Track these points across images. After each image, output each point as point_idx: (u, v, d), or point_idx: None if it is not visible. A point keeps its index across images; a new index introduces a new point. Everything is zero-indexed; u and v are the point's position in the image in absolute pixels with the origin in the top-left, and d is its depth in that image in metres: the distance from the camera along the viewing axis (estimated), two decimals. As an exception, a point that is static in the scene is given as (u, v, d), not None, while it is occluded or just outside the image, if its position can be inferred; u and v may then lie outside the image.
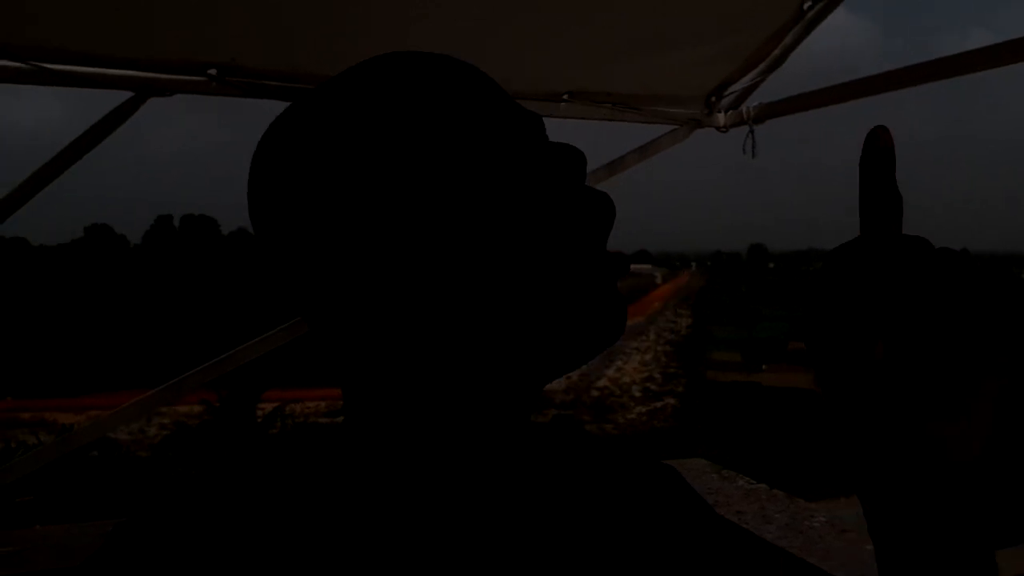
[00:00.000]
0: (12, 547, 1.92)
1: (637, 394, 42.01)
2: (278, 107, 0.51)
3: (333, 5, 1.55)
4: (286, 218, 0.47)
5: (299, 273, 0.47)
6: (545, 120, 0.53)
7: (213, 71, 1.72)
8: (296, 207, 0.47)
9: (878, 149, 0.45)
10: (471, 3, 1.58)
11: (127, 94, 1.70)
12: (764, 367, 48.81)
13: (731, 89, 2.07)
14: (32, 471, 2.12)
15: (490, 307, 0.45)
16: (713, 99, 2.10)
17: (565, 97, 1.99)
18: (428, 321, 0.46)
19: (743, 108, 2.09)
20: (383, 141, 0.46)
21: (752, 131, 2.08)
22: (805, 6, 1.80)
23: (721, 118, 2.12)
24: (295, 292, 0.49)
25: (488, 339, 0.46)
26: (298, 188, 0.47)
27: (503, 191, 0.46)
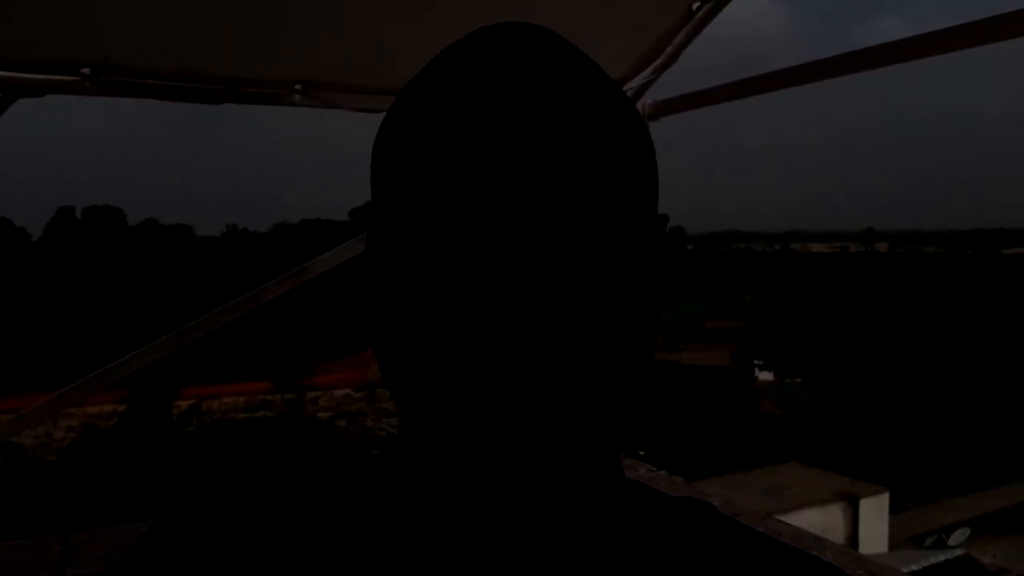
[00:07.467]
0: None
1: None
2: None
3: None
4: (386, 208, 0.44)
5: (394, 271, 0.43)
6: None
7: (87, 70, 1.64)
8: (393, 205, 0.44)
9: None
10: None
11: (-7, 95, 1.61)
12: (683, 346, 50.09)
13: (626, 87, 2.09)
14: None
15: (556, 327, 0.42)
16: (609, 96, 2.13)
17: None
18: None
19: (639, 105, 2.12)
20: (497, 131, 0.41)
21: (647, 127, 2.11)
22: (694, 7, 1.83)
23: (618, 115, 2.15)
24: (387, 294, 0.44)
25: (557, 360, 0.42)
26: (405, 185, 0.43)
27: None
